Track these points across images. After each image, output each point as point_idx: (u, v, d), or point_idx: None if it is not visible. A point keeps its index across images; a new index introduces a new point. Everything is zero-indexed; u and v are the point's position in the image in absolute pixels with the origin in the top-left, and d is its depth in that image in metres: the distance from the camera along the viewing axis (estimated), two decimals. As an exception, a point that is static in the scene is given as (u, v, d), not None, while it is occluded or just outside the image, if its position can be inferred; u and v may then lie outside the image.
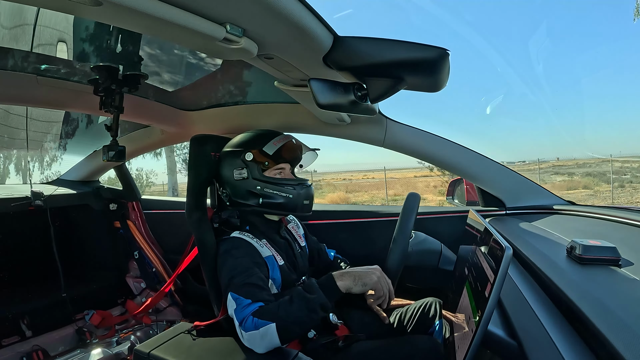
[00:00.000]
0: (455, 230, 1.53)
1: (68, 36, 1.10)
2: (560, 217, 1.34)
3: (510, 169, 1.54)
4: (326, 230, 1.75)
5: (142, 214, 2.27)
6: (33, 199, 1.84)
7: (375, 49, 0.78)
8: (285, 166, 1.20)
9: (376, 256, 1.30)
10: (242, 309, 0.93)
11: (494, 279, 0.60)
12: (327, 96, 0.81)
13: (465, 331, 0.70)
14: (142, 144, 2.02)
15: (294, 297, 0.93)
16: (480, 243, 0.82)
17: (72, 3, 0.57)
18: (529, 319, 0.66)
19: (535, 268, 0.82)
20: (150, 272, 2.20)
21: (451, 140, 1.49)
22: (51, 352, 1.75)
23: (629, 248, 0.80)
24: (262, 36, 0.74)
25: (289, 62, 0.88)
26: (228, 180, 1.18)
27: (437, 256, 1.33)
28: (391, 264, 1.08)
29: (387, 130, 1.47)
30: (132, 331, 1.88)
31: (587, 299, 0.59)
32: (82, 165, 2.32)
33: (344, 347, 1.07)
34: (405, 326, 1.21)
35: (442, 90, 0.84)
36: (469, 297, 0.76)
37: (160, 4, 0.60)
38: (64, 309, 1.90)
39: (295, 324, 0.91)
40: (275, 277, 1.11)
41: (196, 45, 0.76)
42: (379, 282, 0.99)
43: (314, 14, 0.71)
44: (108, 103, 1.29)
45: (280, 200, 1.14)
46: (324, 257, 1.41)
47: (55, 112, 1.86)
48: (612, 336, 0.47)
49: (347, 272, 1.00)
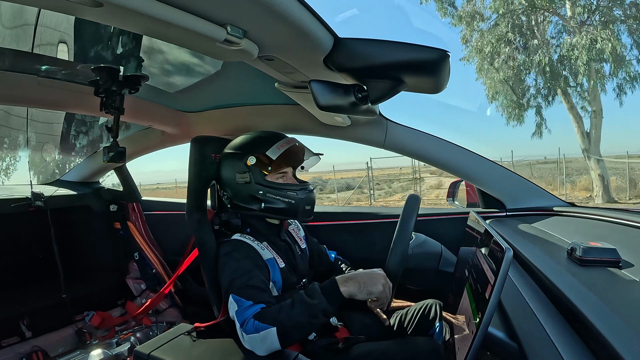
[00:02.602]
0: (456, 232, 1.53)
1: (69, 37, 1.11)
2: (561, 218, 1.34)
3: (510, 171, 1.54)
4: (326, 231, 1.74)
5: (142, 215, 2.27)
6: (33, 199, 1.84)
7: (375, 50, 0.78)
8: (288, 170, 1.20)
9: (376, 258, 1.30)
10: (243, 311, 0.93)
11: (494, 280, 0.60)
12: (328, 98, 0.81)
13: (465, 333, 0.70)
14: (142, 145, 2.02)
15: (295, 302, 0.93)
16: (481, 245, 0.82)
17: (73, 4, 0.57)
18: (529, 320, 0.66)
19: (535, 270, 0.82)
20: (150, 274, 2.19)
21: (451, 142, 1.49)
22: (51, 353, 1.75)
23: (629, 249, 0.80)
24: (262, 38, 0.74)
25: (290, 63, 0.88)
26: (229, 182, 1.18)
27: (438, 258, 1.33)
28: (391, 266, 1.08)
29: (388, 131, 1.47)
30: (132, 332, 1.87)
31: (588, 300, 0.59)
32: (82, 166, 2.32)
33: (344, 348, 1.07)
34: (406, 328, 1.20)
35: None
36: (469, 298, 0.76)
37: (160, 5, 0.60)
38: (64, 310, 1.90)
39: (296, 329, 0.90)
40: (275, 279, 1.10)
41: (197, 47, 0.76)
42: (384, 291, 0.97)
43: (315, 16, 0.71)
44: (109, 104, 1.29)
45: (282, 206, 1.13)
46: (324, 258, 1.41)
47: (55, 113, 1.86)
48: (612, 338, 0.47)
49: (351, 278, 0.97)
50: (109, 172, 2.46)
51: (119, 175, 2.23)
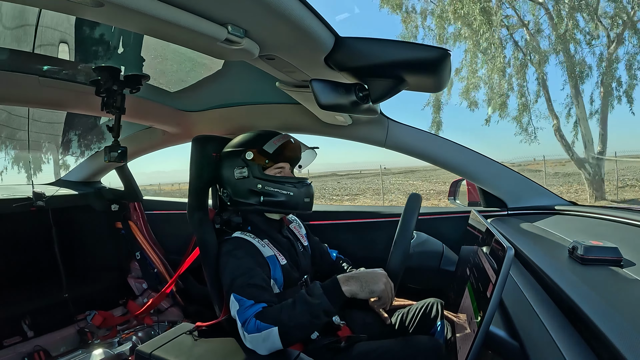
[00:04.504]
0: (457, 230, 1.53)
1: (70, 37, 1.11)
2: (562, 217, 1.34)
3: (512, 170, 1.54)
4: (328, 230, 1.75)
5: (143, 215, 2.27)
6: (35, 199, 1.85)
7: (376, 49, 0.78)
8: (285, 165, 1.21)
9: (378, 257, 1.30)
10: (244, 310, 0.93)
11: (495, 279, 0.60)
12: (329, 97, 0.81)
13: (467, 332, 0.70)
14: (143, 144, 2.02)
15: (297, 301, 0.93)
16: (482, 243, 0.82)
17: (74, 4, 0.57)
18: (530, 319, 0.66)
19: (536, 268, 0.82)
20: (152, 273, 2.20)
21: (452, 141, 1.49)
22: (53, 353, 1.75)
23: (630, 248, 0.80)
24: (263, 37, 0.74)
25: (291, 62, 0.88)
26: (229, 180, 1.18)
27: (439, 257, 1.33)
28: (393, 265, 1.08)
29: (389, 130, 1.47)
30: (134, 332, 1.87)
31: (589, 299, 0.59)
32: (83, 166, 2.32)
33: (346, 347, 1.07)
34: (407, 327, 1.20)
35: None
36: (470, 297, 0.76)
37: (161, 5, 0.60)
38: (66, 310, 1.90)
39: (298, 329, 0.90)
40: (277, 276, 1.10)
41: (198, 46, 0.76)
42: (386, 290, 0.97)
43: (316, 15, 0.71)
44: (110, 104, 1.29)
45: (281, 198, 1.14)
46: (326, 257, 1.41)
47: (56, 113, 1.87)
48: (614, 337, 0.47)
49: (353, 277, 0.97)
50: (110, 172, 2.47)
51: (120, 174, 2.24)
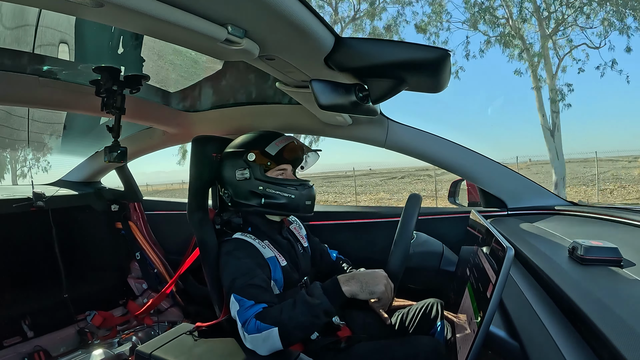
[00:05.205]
0: (457, 231, 1.53)
1: (70, 37, 1.11)
2: (562, 217, 1.34)
3: (512, 170, 1.54)
4: (327, 231, 1.74)
5: (143, 215, 2.27)
6: (35, 200, 1.84)
7: (376, 49, 0.78)
8: (287, 167, 1.20)
9: (378, 257, 1.30)
10: (245, 311, 0.93)
11: (495, 279, 0.60)
12: (329, 97, 0.81)
13: (467, 332, 0.70)
14: (143, 145, 2.02)
15: (297, 302, 0.92)
16: (482, 244, 0.82)
17: (74, 4, 0.57)
18: (530, 319, 0.66)
19: (536, 269, 0.82)
20: (152, 273, 2.20)
21: (452, 141, 1.49)
22: (53, 353, 1.75)
23: (630, 248, 0.80)
24: (263, 37, 0.74)
25: (291, 63, 0.88)
26: (230, 180, 1.18)
27: (439, 257, 1.33)
28: (393, 265, 1.08)
29: (389, 131, 1.47)
30: (134, 332, 1.88)
31: (589, 299, 0.59)
32: (83, 166, 2.32)
33: (346, 348, 1.07)
34: (407, 327, 1.21)
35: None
36: (470, 298, 0.76)
37: (161, 5, 0.60)
38: (66, 310, 1.90)
39: (298, 329, 0.90)
40: (277, 278, 1.10)
41: (197, 47, 0.76)
42: (386, 291, 0.97)
43: (316, 15, 0.71)
44: (110, 104, 1.29)
45: (282, 201, 1.14)
46: (326, 258, 1.41)
47: (56, 113, 1.86)
48: (614, 337, 0.47)
49: (353, 277, 0.97)
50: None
51: (120, 175, 2.24)
